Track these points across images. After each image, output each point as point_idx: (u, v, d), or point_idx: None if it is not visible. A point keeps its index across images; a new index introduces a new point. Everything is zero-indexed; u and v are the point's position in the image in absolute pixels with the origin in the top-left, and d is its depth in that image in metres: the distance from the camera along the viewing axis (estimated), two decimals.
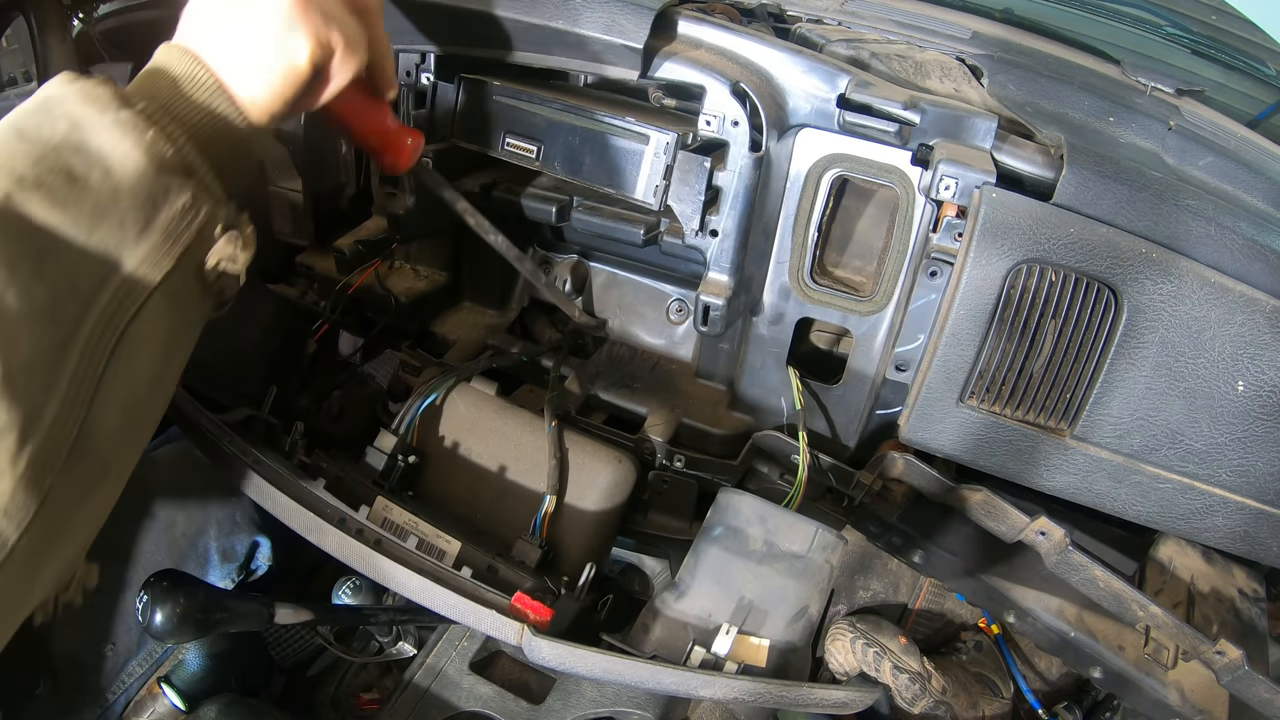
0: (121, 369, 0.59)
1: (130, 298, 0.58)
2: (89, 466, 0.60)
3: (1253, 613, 1.10)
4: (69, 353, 0.56)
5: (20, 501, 0.54)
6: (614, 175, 1.00)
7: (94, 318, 0.57)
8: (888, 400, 1.10)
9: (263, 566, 1.42)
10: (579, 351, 1.33)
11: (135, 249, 0.58)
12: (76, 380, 0.56)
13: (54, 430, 0.55)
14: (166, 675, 1.29)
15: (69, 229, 0.56)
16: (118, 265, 0.58)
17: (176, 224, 0.60)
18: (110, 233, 0.57)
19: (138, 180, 0.58)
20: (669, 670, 0.87)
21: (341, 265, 1.28)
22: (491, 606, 0.89)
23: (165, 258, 0.60)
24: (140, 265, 0.58)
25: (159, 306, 0.61)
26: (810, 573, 0.98)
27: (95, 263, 0.57)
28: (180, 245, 0.61)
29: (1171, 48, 1.70)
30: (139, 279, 0.59)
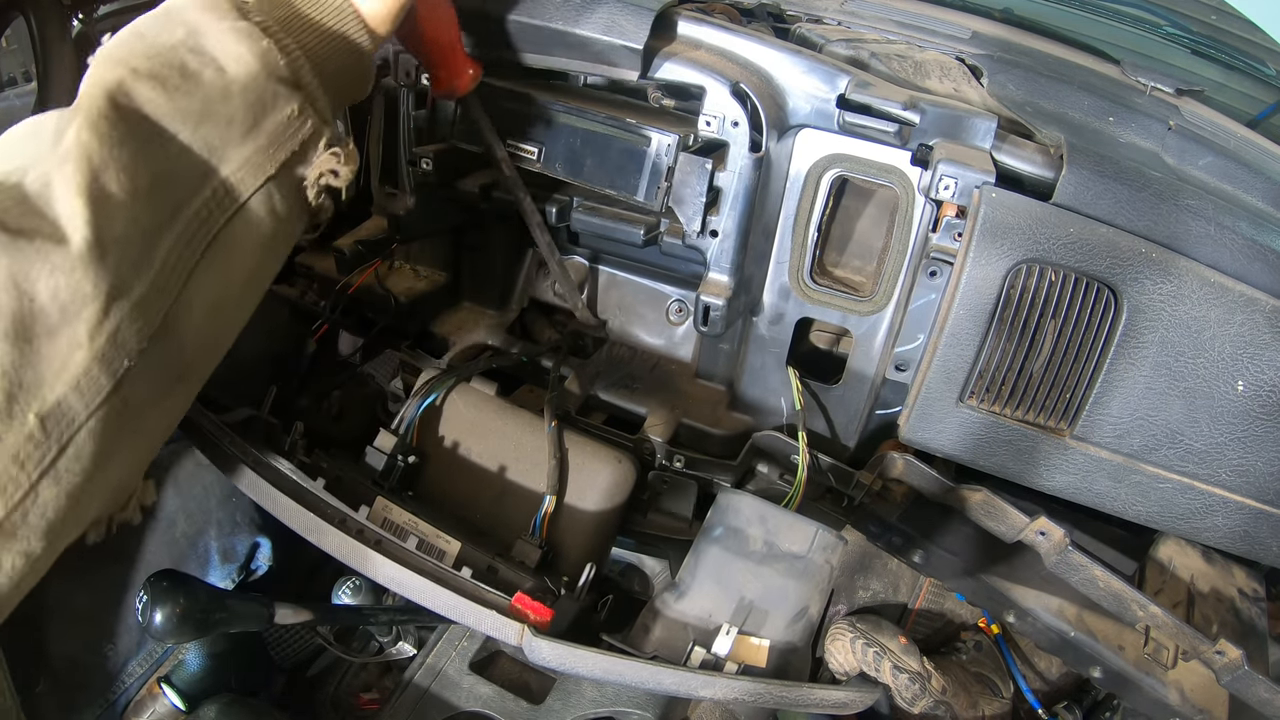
0: (214, 268, 0.60)
1: (230, 197, 0.60)
2: (168, 363, 0.60)
3: (1252, 612, 1.10)
4: (163, 238, 0.56)
5: (94, 378, 0.53)
6: (615, 177, 1.00)
7: (192, 210, 0.58)
8: (887, 400, 1.10)
9: (263, 567, 1.42)
10: (579, 351, 1.33)
11: (239, 149, 0.60)
12: (168, 268, 0.57)
13: (139, 311, 0.55)
14: (166, 675, 1.29)
15: (177, 121, 0.57)
16: (220, 163, 0.59)
17: (282, 131, 0.61)
18: (217, 129, 0.58)
19: (248, 83, 0.59)
20: (669, 670, 0.87)
21: (341, 265, 1.28)
22: (492, 607, 0.89)
23: (268, 162, 0.61)
24: (242, 166, 0.60)
25: (257, 212, 0.62)
26: (810, 573, 0.98)
27: (199, 157, 0.58)
28: (284, 152, 0.62)
29: (1171, 47, 1.70)
30: (240, 180, 0.60)
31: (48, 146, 0.55)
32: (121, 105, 0.56)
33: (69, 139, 0.55)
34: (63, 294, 0.52)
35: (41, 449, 0.52)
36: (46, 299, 0.51)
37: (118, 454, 0.59)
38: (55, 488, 0.54)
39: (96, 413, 0.54)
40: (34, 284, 0.51)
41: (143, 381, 0.57)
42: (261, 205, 0.62)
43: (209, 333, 0.63)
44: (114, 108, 0.56)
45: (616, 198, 1.02)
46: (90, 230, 0.53)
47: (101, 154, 0.54)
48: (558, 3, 0.97)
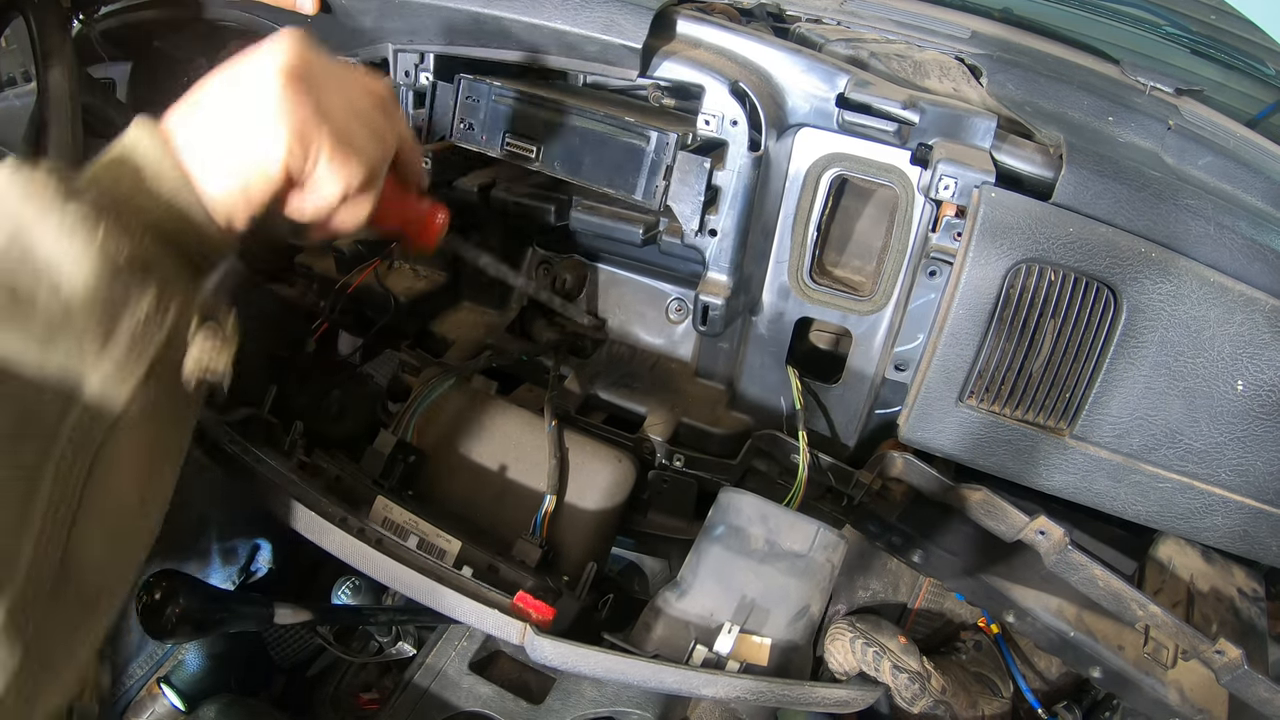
0: (100, 494, 0.53)
1: (98, 420, 0.52)
2: (75, 600, 0.54)
3: (1252, 612, 1.10)
4: (38, 487, 0.50)
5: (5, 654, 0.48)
6: (613, 175, 1.00)
7: (60, 446, 0.51)
8: (887, 400, 1.10)
9: (263, 568, 1.42)
10: (578, 351, 1.33)
11: (97, 367, 0.51)
12: (50, 515, 0.50)
13: (31, 573, 0.50)
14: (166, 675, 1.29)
15: (19, 354, 0.49)
16: (79, 387, 0.51)
17: (141, 332, 0.53)
18: (67, 353, 0.50)
19: (92, 290, 0.51)
20: (671, 669, 0.87)
21: (341, 265, 1.28)
22: (494, 606, 0.89)
23: (132, 371, 0.53)
24: (105, 383, 0.52)
25: (135, 418, 0.54)
26: (812, 572, 0.99)
27: (54, 388, 0.50)
28: (149, 354, 0.54)
29: (1171, 47, 1.70)
30: (105, 398, 0.52)
31: None
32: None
33: None
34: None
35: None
36: None
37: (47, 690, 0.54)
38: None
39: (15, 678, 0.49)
40: None
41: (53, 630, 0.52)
42: (139, 410, 0.54)
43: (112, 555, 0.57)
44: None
45: (615, 196, 1.02)
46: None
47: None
48: (557, 2, 0.97)
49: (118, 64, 1.67)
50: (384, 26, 1.10)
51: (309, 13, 1.10)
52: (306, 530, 0.94)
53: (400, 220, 0.80)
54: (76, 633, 0.56)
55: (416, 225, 0.82)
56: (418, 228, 0.82)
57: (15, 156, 0.58)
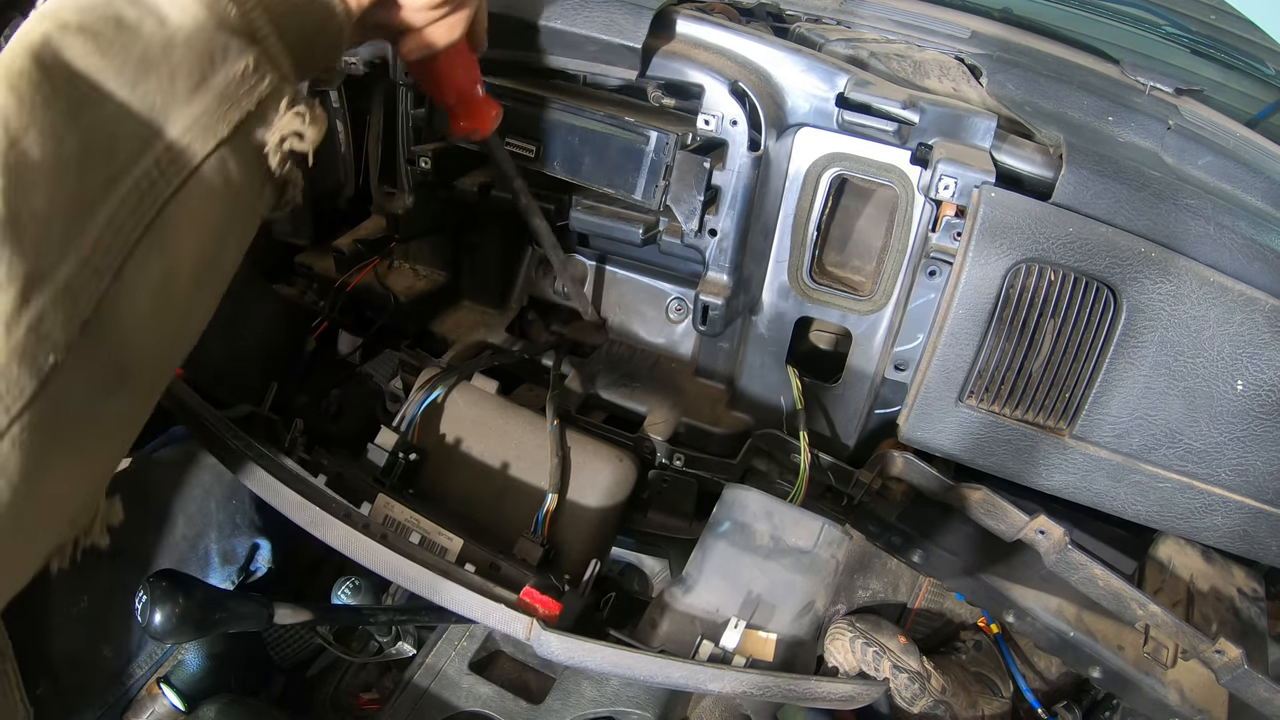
0: (159, 247, 0.52)
1: (175, 166, 0.52)
2: (106, 357, 0.52)
3: (1252, 612, 1.10)
4: (97, 212, 0.49)
5: (14, 379, 0.46)
6: (613, 175, 1.00)
7: (132, 179, 0.50)
8: (887, 399, 1.10)
9: (262, 568, 1.42)
10: (578, 350, 1.33)
11: (184, 109, 0.52)
12: (102, 246, 0.49)
13: (66, 296, 0.48)
14: (166, 675, 1.29)
15: (112, 79, 0.50)
16: (164, 125, 0.52)
17: (235, 88, 0.54)
18: (158, 87, 0.51)
19: (193, 33, 0.52)
20: (678, 664, 0.87)
21: (341, 264, 1.28)
22: (500, 601, 0.88)
23: (220, 122, 0.54)
24: (189, 129, 0.52)
25: (209, 183, 0.54)
26: (816, 567, 0.99)
27: (138, 119, 0.51)
28: (238, 112, 0.54)
29: (1171, 47, 1.70)
30: (186, 145, 0.52)
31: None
32: (47, 63, 0.49)
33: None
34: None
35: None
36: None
37: (56, 471, 0.51)
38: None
39: (19, 419, 0.46)
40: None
41: (76, 382, 0.50)
42: (215, 173, 0.54)
43: (156, 327, 0.55)
44: (37, 66, 0.49)
45: (614, 196, 1.02)
46: (3, 205, 0.46)
47: (20, 117, 0.47)
48: (557, 2, 0.97)
49: None
50: None
51: None
52: (311, 525, 0.94)
53: (464, 88, 0.86)
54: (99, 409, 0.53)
55: (475, 104, 0.88)
56: (475, 107, 0.89)
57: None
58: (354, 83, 1.22)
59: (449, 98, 0.87)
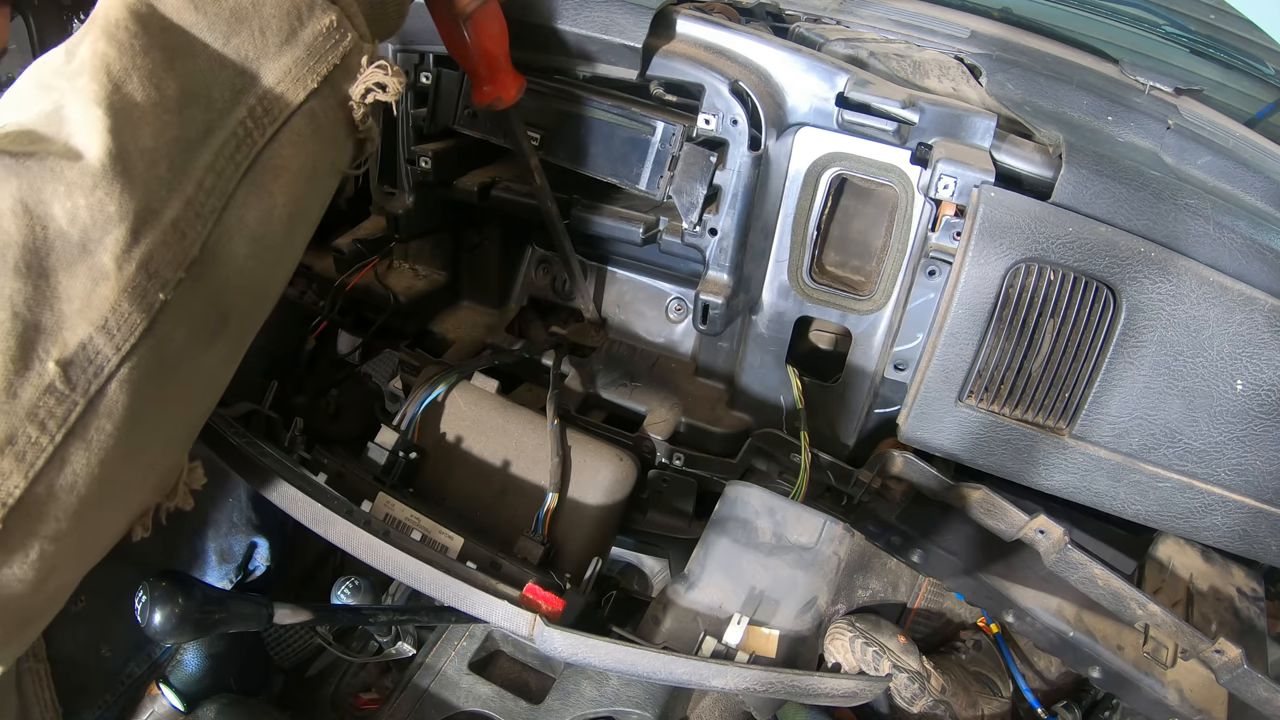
0: (256, 193, 0.54)
1: (269, 114, 0.55)
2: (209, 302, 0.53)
3: (1251, 611, 1.10)
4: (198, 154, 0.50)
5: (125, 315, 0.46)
6: (618, 165, 1.00)
7: (230, 126, 0.52)
8: (887, 399, 1.10)
9: (260, 567, 1.42)
10: (578, 350, 1.33)
11: (276, 61, 0.55)
12: (205, 188, 0.51)
13: (174, 234, 0.48)
14: (165, 676, 1.28)
15: (205, 30, 0.52)
16: (256, 76, 0.54)
17: (321, 42, 0.57)
18: (250, 39, 0.54)
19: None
20: (681, 660, 0.87)
21: (340, 264, 1.28)
22: (503, 597, 0.88)
23: (309, 74, 0.56)
24: (282, 80, 0.55)
25: (300, 132, 0.57)
26: (819, 564, 0.99)
27: (233, 68, 0.53)
28: (325, 64, 0.57)
29: (1170, 47, 1.70)
30: (281, 93, 0.55)
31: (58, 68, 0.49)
32: (142, 14, 0.50)
33: (83, 53, 0.49)
34: (82, 216, 0.44)
35: (66, 404, 0.43)
36: (63, 223, 0.44)
37: (156, 415, 0.51)
38: (85, 453, 0.45)
39: (129, 358, 0.46)
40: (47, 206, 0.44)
41: (181, 322, 0.50)
42: (306, 123, 0.57)
43: (253, 271, 0.56)
44: (134, 17, 0.50)
45: (618, 188, 1.02)
46: (111, 140, 0.45)
47: (122, 63, 0.48)
48: (557, 2, 0.97)
49: None
50: None
51: None
52: (313, 522, 0.93)
53: (494, 54, 0.88)
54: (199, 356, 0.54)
55: (503, 72, 0.90)
56: (503, 75, 0.91)
57: None
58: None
59: (479, 62, 0.88)
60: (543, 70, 1.09)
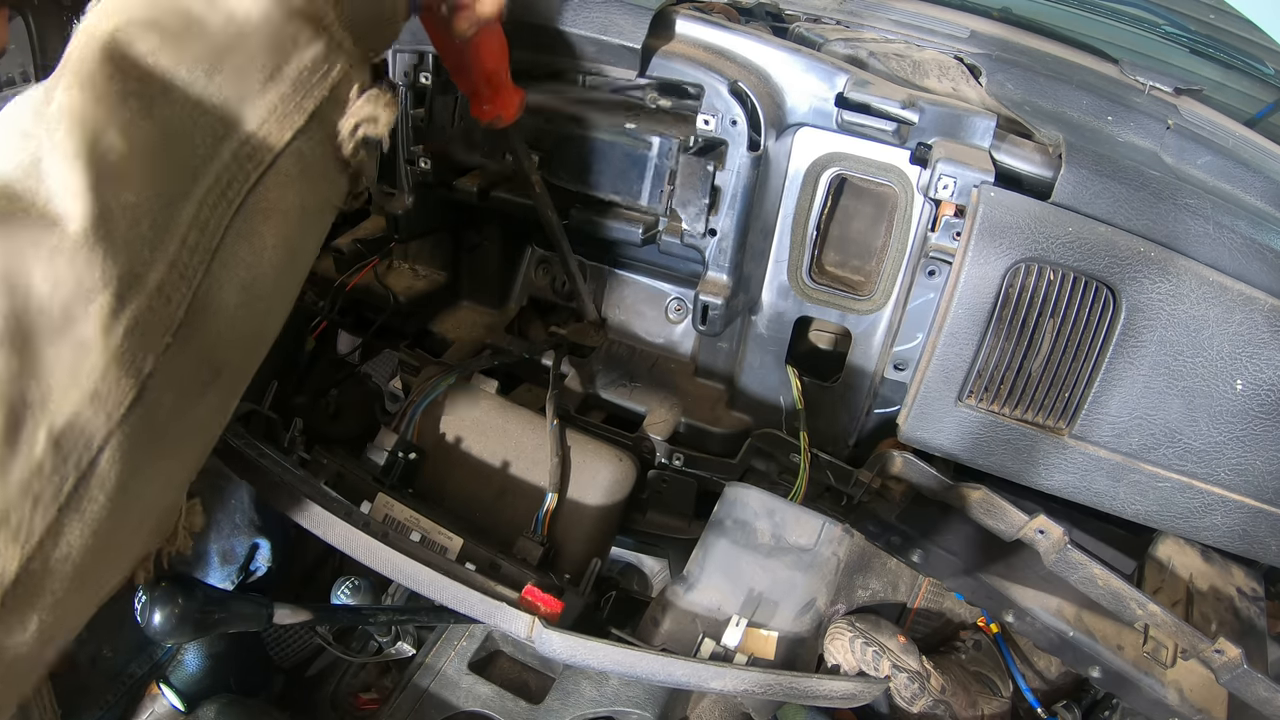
0: (244, 240, 0.52)
1: (255, 156, 0.52)
2: (200, 359, 0.51)
3: (1251, 611, 1.10)
4: (182, 208, 0.48)
5: (113, 383, 0.44)
6: (618, 182, 1.00)
7: (214, 172, 0.50)
8: (886, 399, 1.10)
9: (262, 568, 1.42)
10: (578, 350, 1.33)
11: (260, 100, 0.52)
12: (189, 244, 0.48)
13: (158, 298, 0.46)
14: (165, 676, 1.29)
15: (185, 72, 0.49)
16: (239, 118, 0.51)
17: (308, 75, 0.53)
18: (233, 79, 0.50)
19: (262, 24, 0.51)
20: (680, 662, 0.87)
21: (340, 264, 1.28)
22: (502, 599, 0.88)
23: (295, 112, 0.53)
24: (266, 120, 0.52)
25: (288, 172, 0.53)
26: (818, 565, 0.99)
27: (214, 114, 0.50)
28: (312, 100, 0.54)
29: (1170, 47, 1.70)
30: (265, 135, 0.52)
31: (32, 117, 0.47)
32: (118, 58, 0.48)
33: (58, 102, 0.46)
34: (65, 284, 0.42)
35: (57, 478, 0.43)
36: (45, 292, 0.42)
37: (150, 476, 0.50)
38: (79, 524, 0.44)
39: (120, 428, 0.45)
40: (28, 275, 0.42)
41: (171, 385, 0.48)
42: (294, 163, 0.54)
43: (245, 320, 0.54)
44: (109, 61, 0.47)
45: (621, 203, 1.02)
46: (92, 203, 0.44)
47: (99, 114, 0.46)
48: (556, 2, 0.97)
49: None
50: None
51: None
52: (312, 525, 0.93)
53: (494, 71, 0.86)
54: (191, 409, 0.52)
55: (503, 89, 0.89)
56: (503, 92, 0.89)
57: None
58: None
59: (478, 81, 0.87)
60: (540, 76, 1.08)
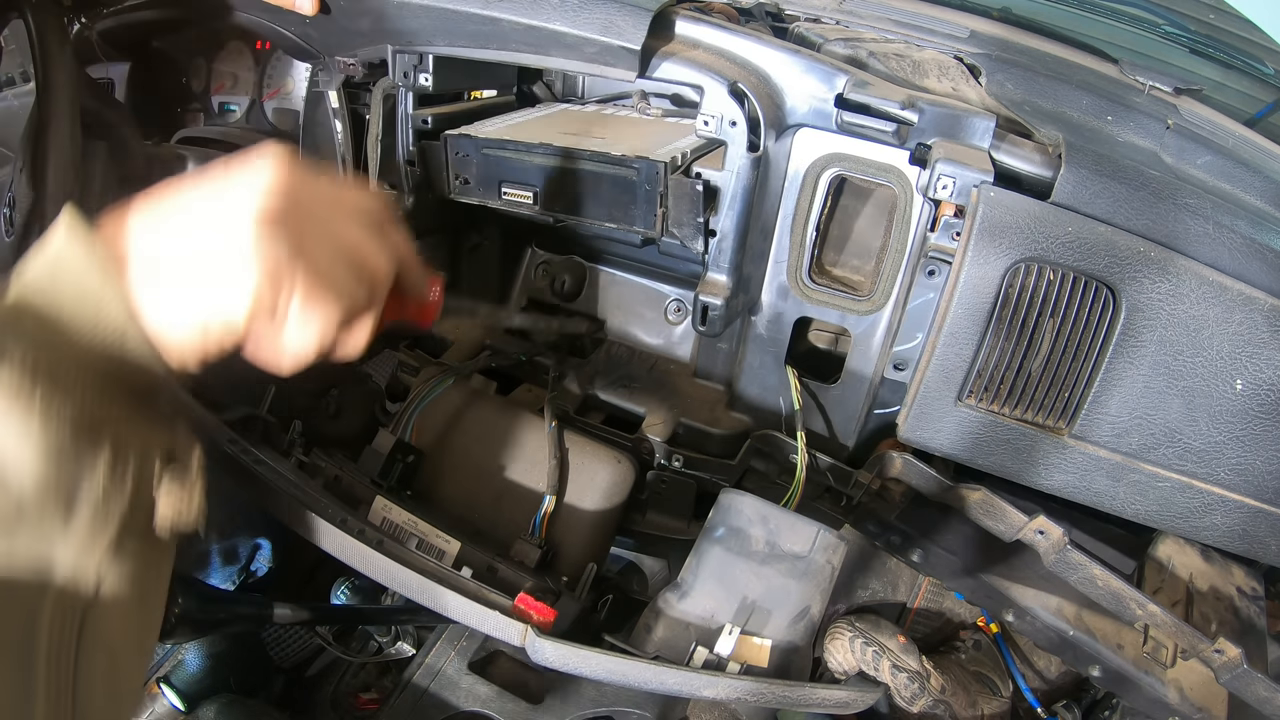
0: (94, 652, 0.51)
1: (76, 597, 0.49)
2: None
3: (1251, 611, 1.10)
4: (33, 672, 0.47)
5: None
6: (612, 209, 1.00)
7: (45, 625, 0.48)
8: (886, 399, 1.10)
9: (263, 568, 1.42)
10: (577, 351, 1.33)
11: (64, 544, 0.48)
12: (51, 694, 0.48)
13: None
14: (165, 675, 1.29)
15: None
16: (49, 570, 0.48)
17: (103, 499, 0.49)
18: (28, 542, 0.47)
19: (41, 475, 0.46)
20: (672, 670, 0.87)
21: None
22: (494, 607, 0.88)
23: (100, 540, 0.50)
24: (77, 559, 0.49)
25: (113, 585, 0.51)
26: (812, 573, 0.99)
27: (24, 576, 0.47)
28: (115, 516, 0.50)
29: (1170, 46, 1.70)
30: (79, 573, 0.49)
31: None
32: None
33: None
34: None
35: None
36: None
37: None
38: None
39: None
40: None
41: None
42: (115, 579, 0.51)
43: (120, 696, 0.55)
44: None
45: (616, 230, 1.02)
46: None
47: None
48: (555, 3, 0.97)
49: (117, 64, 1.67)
50: (383, 28, 1.10)
51: (308, 13, 1.10)
52: (306, 532, 0.94)
53: (398, 317, 0.77)
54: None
55: (414, 314, 0.79)
56: (415, 315, 0.80)
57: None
58: (353, 84, 1.22)
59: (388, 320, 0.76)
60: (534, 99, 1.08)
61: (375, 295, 0.62)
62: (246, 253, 0.50)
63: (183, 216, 0.52)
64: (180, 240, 0.51)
